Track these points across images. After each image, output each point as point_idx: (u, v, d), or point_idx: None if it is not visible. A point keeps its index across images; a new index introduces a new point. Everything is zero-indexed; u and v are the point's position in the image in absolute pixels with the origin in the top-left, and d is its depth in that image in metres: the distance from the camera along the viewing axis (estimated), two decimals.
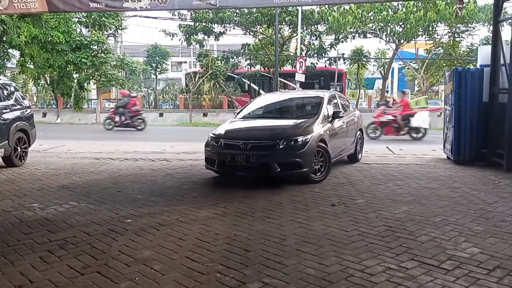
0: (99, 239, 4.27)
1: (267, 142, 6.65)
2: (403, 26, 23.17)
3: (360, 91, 34.01)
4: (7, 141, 8.04)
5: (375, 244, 4.06)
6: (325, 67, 26.92)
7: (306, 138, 6.63)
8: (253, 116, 7.99)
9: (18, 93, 9.04)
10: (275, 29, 21.44)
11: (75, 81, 24.38)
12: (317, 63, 26.73)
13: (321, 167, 6.92)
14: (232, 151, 6.65)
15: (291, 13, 23.88)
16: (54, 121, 23.77)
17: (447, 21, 22.23)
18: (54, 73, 24.23)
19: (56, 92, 25.89)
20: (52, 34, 21.29)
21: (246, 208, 5.35)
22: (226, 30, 25.68)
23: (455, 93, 8.45)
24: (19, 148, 8.48)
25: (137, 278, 3.37)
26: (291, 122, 7.22)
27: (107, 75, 23.94)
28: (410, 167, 8.25)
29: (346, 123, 8.20)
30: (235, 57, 26.58)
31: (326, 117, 7.45)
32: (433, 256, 3.74)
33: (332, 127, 7.52)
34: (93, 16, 23.80)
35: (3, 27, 16.37)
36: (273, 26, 22.30)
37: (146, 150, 10.58)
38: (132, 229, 4.59)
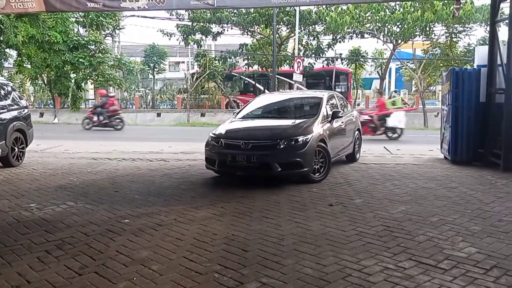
0: (96, 239, 4.27)
1: (268, 142, 6.65)
2: (400, 26, 23.18)
3: (357, 91, 34.04)
4: (4, 141, 8.02)
5: (372, 244, 4.07)
6: (330, 67, 26.86)
7: (306, 138, 6.64)
8: (252, 116, 7.99)
9: (15, 93, 9.03)
10: (272, 29, 21.42)
11: (73, 81, 24.37)
12: (314, 63, 26.73)
13: (320, 167, 6.94)
14: (233, 151, 6.65)
15: (288, 13, 23.88)
16: (51, 121, 23.69)
17: (444, 22, 22.25)
18: (51, 73, 24.18)
19: (53, 92, 25.81)
20: (50, 34, 21.27)
21: (244, 208, 5.35)
22: (224, 30, 25.65)
23: (452, 93, 8.47)
24: (16, 148, 8.47)
25: (135, 278, 3.37)
26: (291, 122, 7.23)
27: (105, 75, 23.93)
28: (407, 167, 8.27)
29: (344, 123, 8.23)
30: (233, 57, 26.57)
31: (325, 117, 7.48)
32: (430, 256, 3.75)
33: (331, 127, 7.55)
34: (90, 16, 23.79)
35: (0, 27, 16.32)
36: (271, 26, 22.27)
37: (143, 150, 10.57)
38: (130, 229, 4.58)
